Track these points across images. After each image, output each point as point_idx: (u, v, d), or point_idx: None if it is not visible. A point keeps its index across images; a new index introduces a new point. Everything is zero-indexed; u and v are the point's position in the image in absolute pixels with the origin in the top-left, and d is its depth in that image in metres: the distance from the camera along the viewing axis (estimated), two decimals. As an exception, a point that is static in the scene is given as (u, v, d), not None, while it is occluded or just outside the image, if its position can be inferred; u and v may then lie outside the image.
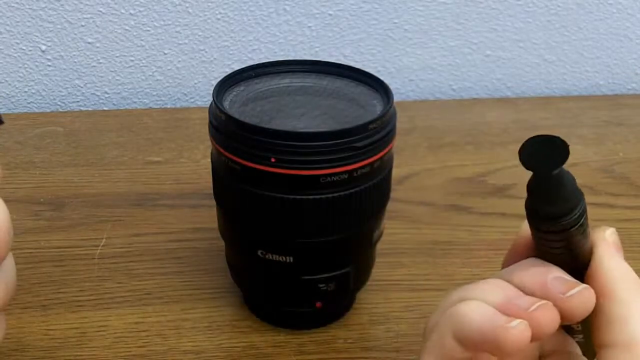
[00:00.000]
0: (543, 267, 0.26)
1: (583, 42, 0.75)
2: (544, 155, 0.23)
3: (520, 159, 0.23)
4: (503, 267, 0.29)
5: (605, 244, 0.27)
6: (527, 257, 0.27)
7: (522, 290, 0.26)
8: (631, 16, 0.74)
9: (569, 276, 0.26)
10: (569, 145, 0.22)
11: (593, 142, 0.64)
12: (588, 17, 0.73)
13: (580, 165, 0.60)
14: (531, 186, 0.24)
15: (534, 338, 0.24)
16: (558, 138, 0.23)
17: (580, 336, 0.28)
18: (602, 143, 0.64)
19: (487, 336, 0.24)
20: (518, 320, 0.24)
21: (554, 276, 0.25)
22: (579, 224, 0.24)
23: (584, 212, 0.24)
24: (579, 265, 0.26)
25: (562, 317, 0.25)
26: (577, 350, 0.29)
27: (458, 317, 0.25)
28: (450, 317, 0.26)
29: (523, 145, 0.23)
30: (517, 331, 0.24)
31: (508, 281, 0.26)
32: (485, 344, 0.25)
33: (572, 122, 0.68)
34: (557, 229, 0.24)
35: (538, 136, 0.23)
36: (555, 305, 0.25)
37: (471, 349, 0.25)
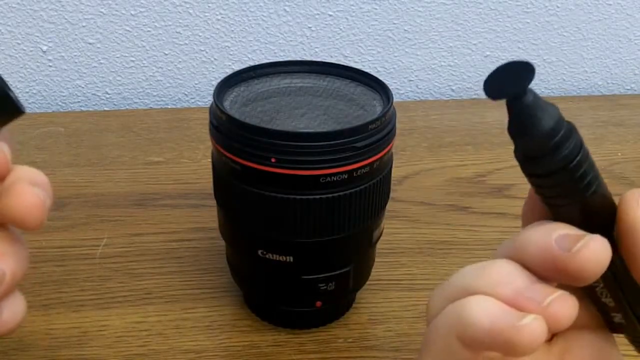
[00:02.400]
0: (545, 228, 0.23)
1: (582, 43, 0.75)
2: (510, 81, 0.21)
3: (485, 91, 0.21)
4: (523, 218, 0.26)
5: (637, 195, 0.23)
6: (539, 211, 0.24)
7: (530, 265, 0.23)
8: (630, 17, 0.74)
9: (576, 230, 0.22)
10: (533, 66, 0.20)
11: (592, 142, 0.64)
12: (587, 17, 0.74)
13: (579, 165, 0.60)
14: (509, 125, 0.22)
15: (550, 332, 0.22)
16: (521, 61, 0.20)
17: (619, 315, 0.25)
18: (601, 143, 0.64)
19: (498, 338, 0.22)
20: (531, 316, 0.21)
21: (558, 235, 0.22)
22: (575, 160, 0.21)
23: (580, 148, 0.22)
24: (594, 217, 0.23)
25: (576, 279, 0.22)
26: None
27: (463, 319, 0.23)
28: (453, 317, 0.23)
29: (487, 78, 0.21)
30: (532, 329, 0.21)
31: (514, 258, 0.23)
32: (495, 346, 0.22)
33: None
34: (550, 169, 0.21)
35: (501, 65, 0.21)
36: (565, 266, 0.22)
37: (479, 351, 0.23)
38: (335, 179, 0.35)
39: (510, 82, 0.21)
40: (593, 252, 0.22)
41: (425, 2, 0.70)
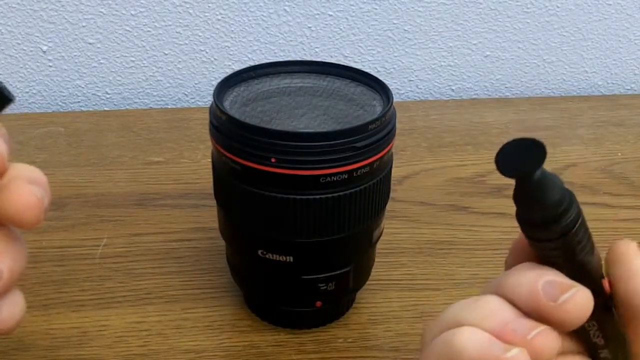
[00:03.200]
0: (535, 273, 0.24)
1: (582, 43, 0.75)
2: (522, 159, 0.22)
3: (497, 167, 0.22)
4: (506, 266, 0.28)
5: (633, 247, 0.25)
6: (528, 256, 0.26)
7: (517, 305, 0.24)
8: (630, 17, 0.74)
9: (563, 277, 0.24)
10: (545, 145, 0.22)
11: (592, 142, 0.64)
12: (587, 17, 0.74)
13: (579, 165, 0.60)
14: (515, 194, 0.23)
15: None
16: (533, 139, 0.22)
17: (606, 351, 0.26)
18: (601, 143, 0.64)
19: None
20: (516, 349, 0.23)
21: (545, 281, 0.24)
22: (575, 228, 0.23)
23: (580, 220, 0.23)
24: (587, 274, 0.25)
25: (559, 326, 0.24)
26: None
27: (452, 348, 0.24)
28: (444, 346, 0.25)
29: (498, 153, 0.22)
30: None
31: (502, 295, 0.25)
32: None
33: (571, 122, 0.68)
34: (551, 237, 0.23)
35: (512, 141, 0.22)
36: (549, 315, 0.24)
37: None
38: (335, 179, 0.35)
39: (522, 160, 0.22)
40: (576, 305, 0.24)
41: (425, 2, 0.70)
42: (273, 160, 0.34)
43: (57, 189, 0.54)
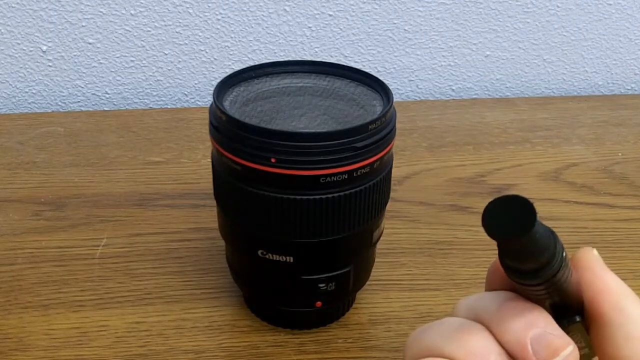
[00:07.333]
0: (524, 321, 0.24)
1: (582, 43, 0.75)
2: (509, 218, 0.21)
3: (485, 228, 0.21)
4: (487, 281, 0.27)
5: (598, 261, 0.26)
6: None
7: (504, 348, 0.24)
8: (630, 16, 0.74)
9: (553, 328, 0.24)
10: (532, 203, 0.21)
11: (592, 142, 0.64)
12: (587, 17, 0.74)
13: (579, 165, 0.60)
14: (501, 249, 0.23)
15: None
16: (519, 197, 0.21)
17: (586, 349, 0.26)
18: (601, 143, 0.64)
19: None
20: None
21: (535, 334, 0.23)
22: (560, 270, 0.23)
23: (563, 256, 0.23)
24: (567, 296, 0.25)
25: None
26: None
27: None
28: None
29: (484, 212, 0.21)
30: None
31: (488, 328, 0.24)
32: None
33: (571, 122, 0.68)
34: (538, 282, 0.23)
35: (497, 200, 0.21)
36: None
37: None
38: (335, 179, 0.35)
39: (512, 219, 0.21)
40: None
41: (425, 2, 0.70)
42: (273, 160, 0.34)
43: (56, 189, 0.54)
